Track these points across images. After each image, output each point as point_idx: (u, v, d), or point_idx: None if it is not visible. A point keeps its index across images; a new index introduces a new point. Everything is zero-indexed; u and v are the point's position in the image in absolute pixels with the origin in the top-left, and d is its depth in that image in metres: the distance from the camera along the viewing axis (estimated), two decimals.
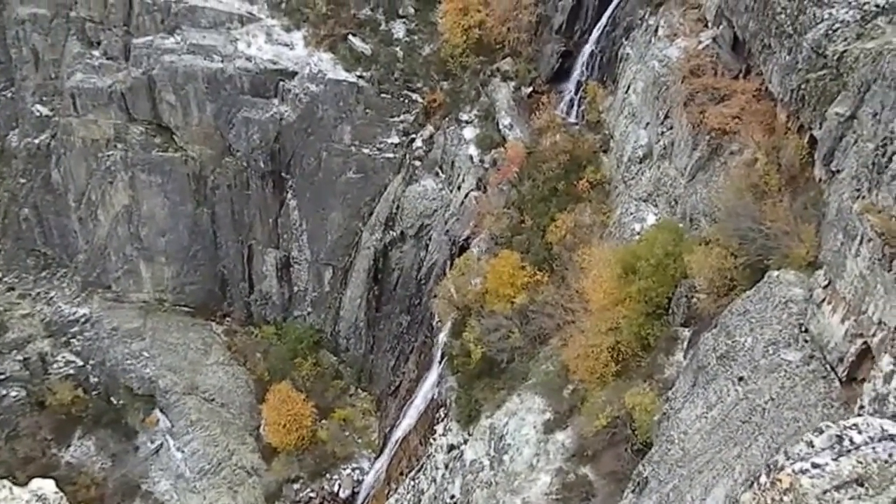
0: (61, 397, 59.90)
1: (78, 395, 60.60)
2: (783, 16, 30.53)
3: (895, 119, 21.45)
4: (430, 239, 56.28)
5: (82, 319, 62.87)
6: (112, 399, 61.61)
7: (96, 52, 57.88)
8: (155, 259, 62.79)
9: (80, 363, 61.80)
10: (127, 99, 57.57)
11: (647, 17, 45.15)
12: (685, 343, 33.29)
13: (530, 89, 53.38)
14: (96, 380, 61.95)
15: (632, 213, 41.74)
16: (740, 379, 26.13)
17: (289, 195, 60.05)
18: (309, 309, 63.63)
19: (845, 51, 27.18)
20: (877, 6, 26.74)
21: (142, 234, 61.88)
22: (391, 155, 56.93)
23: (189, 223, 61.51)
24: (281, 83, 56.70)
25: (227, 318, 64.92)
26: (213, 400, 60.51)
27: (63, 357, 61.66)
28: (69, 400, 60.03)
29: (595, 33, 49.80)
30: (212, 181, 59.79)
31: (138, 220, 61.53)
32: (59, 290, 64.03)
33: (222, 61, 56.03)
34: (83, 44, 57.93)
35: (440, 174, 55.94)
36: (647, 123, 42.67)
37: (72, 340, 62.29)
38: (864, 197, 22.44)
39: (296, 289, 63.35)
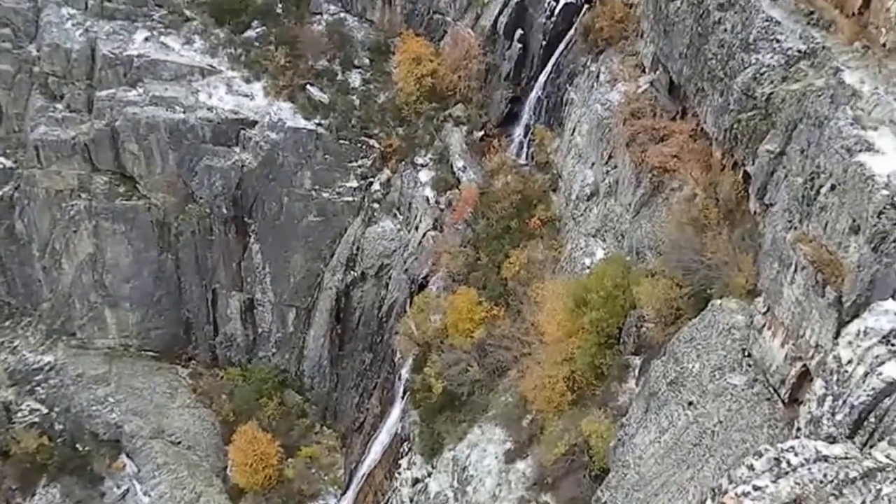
0: (26, 446, 58.86)
1: (43, 443, 59.51)
2: (714, 61, 31.91)
3: (820, 155, 22.68)
4: (389, 278, 57.38)
5: (47, 367, 62.29)
6: (77, 446, 60.73)
7: (59, 106, 58.17)
8: (119, 305, 62.73)
9: (45, 411, 60.95)
10: (90, 150, 57.86)
11: (589, 64, 47.27)
12: (637, 371, 34.48)
13: (482, 133, 55.19)
14: (61, 427, 61.17)
15: (581, 248, 43.29)
16: (690, 403, 27.22)
17: (252, 239, 60.72)
18: (273, 350, 64.04)
19: (772, 93, 28.42)
20: (798, 51, 27.93)
21: (106, 281, 61.84)
22: (350, 198, 58.28)
23: (153, 269, 61.67)
24: (242, 132, 57.70)
25: (193, 362, 64.82)
26: (179, 443, 60.18)
27: (27, 405, 60.80)
28: (34, 448, 58.96)
29: (541, 80, 51.86)
30: (175, 228, 60.20)
31: (103, 268, 61.45)
32: (23, 338, 63.38)
33: (184, 112, 56.91)
34: (46, 97, 58.26)
35: (398, 215, 57.26)
36: (593, 163, 44.43)
37: (36, 388, 61.46)
38: (796, 228, 23.71)
39: (260, 330, 63.76)
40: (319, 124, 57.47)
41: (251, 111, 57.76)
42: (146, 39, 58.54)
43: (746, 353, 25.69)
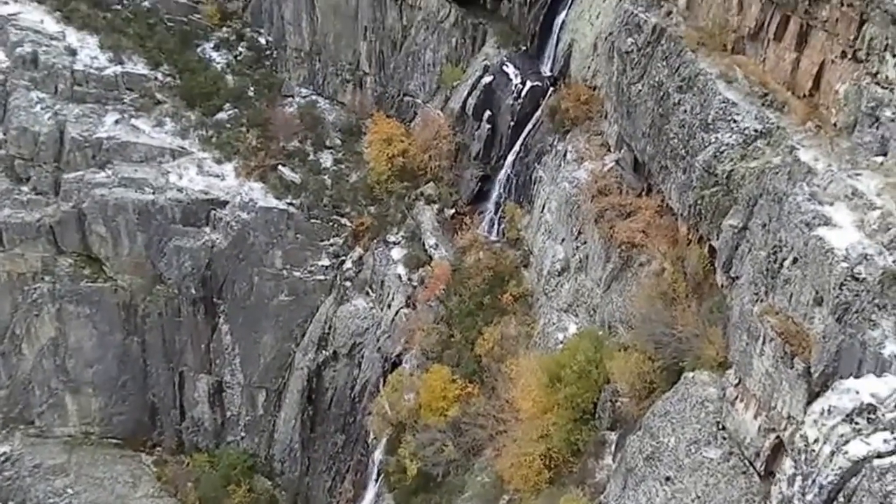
0: None
1: None
2: (676, 140, 32.57)
3: (781, 229, 23.06)
4: (362, 357, 56.85)
5: (2, 458, 60.09)
6: None
7: (25, 188, 58.00)
8: (82, 391, 61.26)
9: None
10: (56, 232, 57.57)
11: (556, 143, 48.34)
12: (613, 446, 33.90)
13: (453, 211, 55.86)
14: None
15: (554, 324, 43.36)
16: (667, 479, 26.72)
17: (221, 320, 60.21)
18: (242, 433, 62.67)
19: (732, 170, 28.99)
20: (755, 131, 28.68)
21: (68, 366, 60.53)
22: (322, 277, 58.22)
23: (118, 353, 60.58)
24: (212, 212, 57.91)
25: (158, 448, 63.09)
26: None
27: None
28: None
29: (510, 158, 52.79)
30: (142, 310, 59.55)
31: (65, 352, 60.25)
32: None
33: (154, 193, 57.06)
34: (12, 180, 58.05)
35: (370, 293, 57.22)
36: (563, 239, 44.90)
37: None
38: (762, 300, 23.80)
39: (228, 414, 62.49)
40: (291, 204, 57.88)
41: (222, 191, 58.05)
42: (116, 122, 59.07)
43: (721, 426, 25.42)
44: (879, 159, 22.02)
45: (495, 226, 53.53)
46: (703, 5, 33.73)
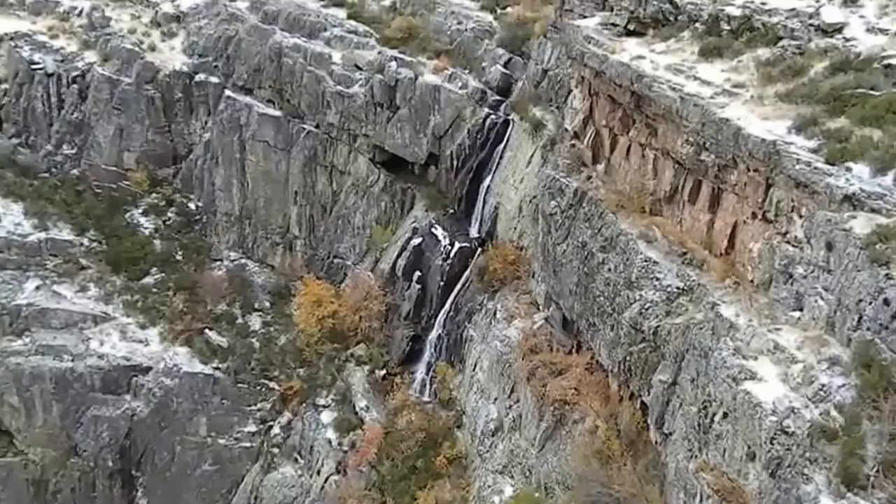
0: None
1: None
2: (602, 298, 33.20)
3: (709, 384, 23.27)
4: None
5: None
6: None
7: None
8: None
9: None
10: None
11: (486, 302, 48.99)
12: None
13: (384, 372, 55.19)
14: None
15: (490, 486, 42.16)
16: None
17: (139, 493, 56.81)
18: None
19: (658, 326, 29.30)
20: (678, 288, 29.32)
21: None
22: (248, 444, 56.05)
23: None
24: (134, 379, 55.98)
25: None
26: None
27: None
28: None
29: (441, 318, 53.14)
30: (54, 485, 55.81)
31: None
32: None
33: (72, 360, 55.14)
34: None
35: (299, 460, 55.12)
36: (496, 398, 44.52)
37: None
38: (696, 456, 23.78)
39: None
40: (217, 368, 56.54)
41: (145, 357, 56.50)
42: (37, 288, 57.81)
43: None
44: (796, 314, 22.83)
45: (427, 386, 53.00)
46: (620, 170, 35.55)
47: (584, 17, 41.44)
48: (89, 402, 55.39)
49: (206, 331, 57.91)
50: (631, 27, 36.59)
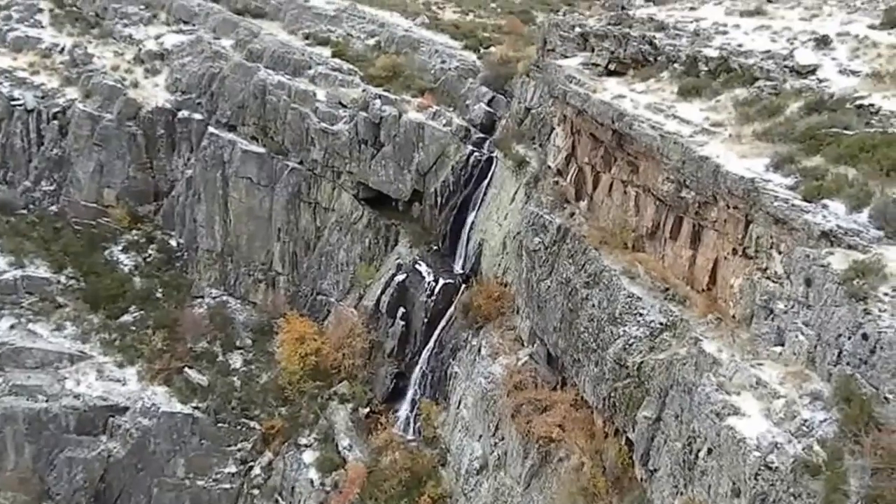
0: None
1: None
2: (586, 334, 33.17)
3: (693, 420, 23.20)
4: None
5: None
6: None
7: None
8: None
9: None
10: None
11: (470, 339, 48.78)
12: None
13: (367, 410, 54.57)
14: None
15: None
16: None
17: None
18: None
19: (642, 362, 29.34)
20: (661, 324, 29.47)
21: None
22: (228, 485, 55.00)
23: None
24: (111, 419, 54.94)
25: None
26: None
27: None
28: None
29: (425, 355, 52.83)
30: None
31: None
32: None
33: (47, 401, 54.02)
34: None
35: (280, 501, 54.13)
36: (480, 436, 44.11)
37: None
38: (682, 493, 23.63)
39: None
40: (196, 408, 55.66)
41: (122, 396, 55.59)
42: (12, 327, 57.13)
43: None
44: (778, 349, 22.90)
45: (411, 424, 52.50)
46: (603, 207, 35.83)
47: (566, 56, 42.15)
48: (63, 443, 54.26)
49: (186, 369, 57.14)
50: (612, 67, 37.34)
